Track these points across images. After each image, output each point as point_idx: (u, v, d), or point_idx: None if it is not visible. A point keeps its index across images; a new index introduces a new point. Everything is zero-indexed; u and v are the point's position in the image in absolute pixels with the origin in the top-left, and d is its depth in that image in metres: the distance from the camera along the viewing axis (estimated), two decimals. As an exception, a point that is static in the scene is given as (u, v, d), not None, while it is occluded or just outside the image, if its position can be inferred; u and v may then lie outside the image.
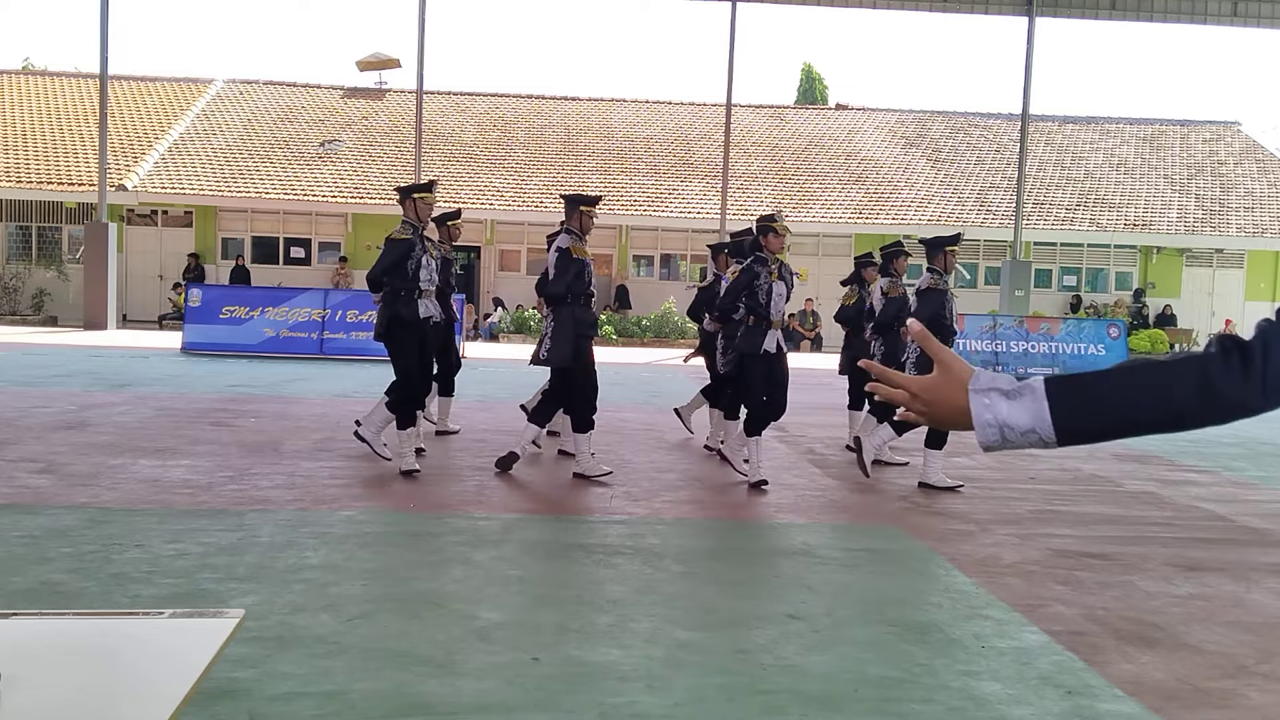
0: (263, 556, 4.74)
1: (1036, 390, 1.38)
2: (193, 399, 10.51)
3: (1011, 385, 1.41)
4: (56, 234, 25.70)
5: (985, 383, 1.42)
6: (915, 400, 1.47)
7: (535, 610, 4.25)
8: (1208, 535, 6.12)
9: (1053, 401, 1.38)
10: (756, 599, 4.49)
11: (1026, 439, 1.40)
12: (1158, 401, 1.39)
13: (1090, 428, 1.40)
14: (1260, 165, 29.96)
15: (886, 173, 28.51)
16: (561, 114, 30.44)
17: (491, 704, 3.21)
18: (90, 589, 4.16)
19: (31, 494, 5.85)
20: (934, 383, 1.46)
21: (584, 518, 5.93)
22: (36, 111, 27.62)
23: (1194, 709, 3.42)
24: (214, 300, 17.01)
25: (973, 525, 6.12)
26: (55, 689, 1.45)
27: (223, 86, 30.30)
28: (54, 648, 1.60)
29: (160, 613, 1.75)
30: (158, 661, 1.57)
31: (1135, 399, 1.38)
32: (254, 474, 6.69)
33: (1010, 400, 1.40)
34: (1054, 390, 1.38)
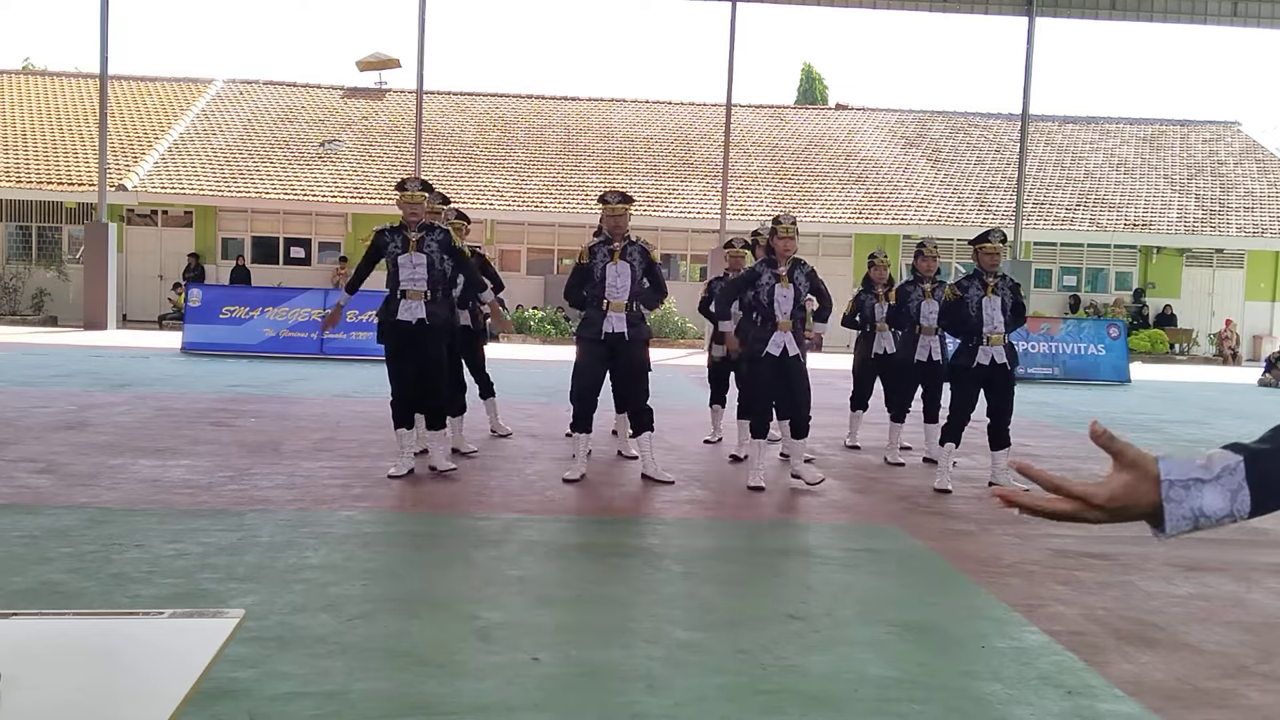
0: (263, 556, 4.74)
1: (1237, 471, 1.27)
2: (193, 399, 10.51)
3: (1207, 468, 1.29)
4: (56, 234, 25.70)
5: (1182, 472, 1.29)
6: (1095, 510, 1.32)
7: (535, 610, 4.25)
8: (1207, 535, 6.12)
9: (1254, 482, 1.28)
10: (756, 599, 4.49)
11: (1219, 523, 1.30)
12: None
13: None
14: (1260, 165, 29.96)
15: (886, 173, 28.51)
16: (561, 114, 30.45)
17: (491, 704, 3.21)
18: (90, 589, 4.16)
19: (31, 494, 5.85)
20: (1123, 488, 1.30)
21: (584, 518, 5.93)
22: (36, 111, 27.62)
23: (1194, 709, 3.42)
24: (214, 300, 17.01)
25: (973, 525, 6.12)
26: (55, 689, 1.45)
27: (223, 86, 30.30)
28: (54, 648, 1.60)
29: (160, 613, 1.75)
30: (158, 661, 1.57)
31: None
32: (254, 474, 6.69)
33: (1208, 486, 1.28)
34: (1254, 467, 1.28)
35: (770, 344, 6.87)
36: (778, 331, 6.88)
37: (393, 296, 6.72)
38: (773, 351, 6.87)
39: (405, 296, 6.66)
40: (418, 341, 6.69)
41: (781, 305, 6.90)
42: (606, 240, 6.93)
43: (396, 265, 6.69)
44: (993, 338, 7.14)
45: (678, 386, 13.63)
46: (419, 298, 6.68)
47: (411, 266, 6.69)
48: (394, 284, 6.71)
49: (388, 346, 6.74)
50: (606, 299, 6.81)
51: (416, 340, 6.69)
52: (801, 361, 6.96)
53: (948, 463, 7.20)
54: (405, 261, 6.68)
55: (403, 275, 6.68)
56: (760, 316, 6.95)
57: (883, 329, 8.67)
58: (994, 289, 7.21)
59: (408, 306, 6.65)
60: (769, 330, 6.90)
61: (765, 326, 6.93)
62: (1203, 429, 11.26)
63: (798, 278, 6.97)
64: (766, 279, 6.95)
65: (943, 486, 7.11)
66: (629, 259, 6.85)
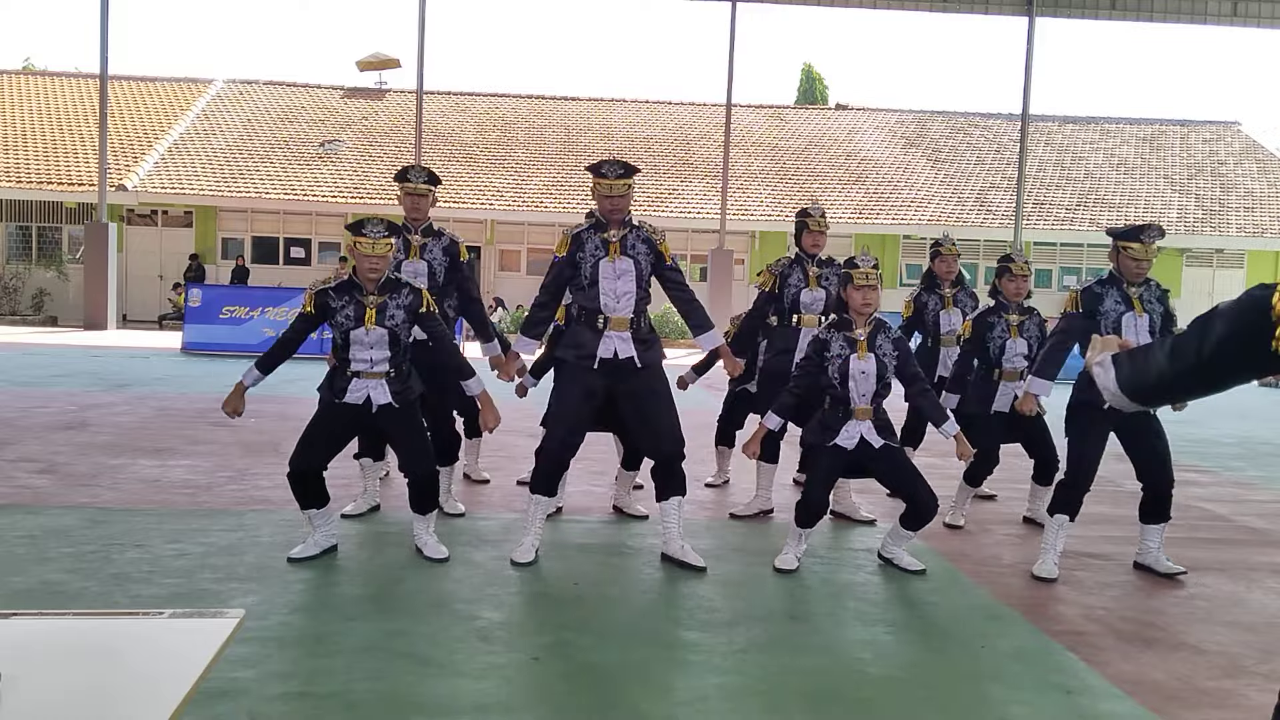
0: (263, 556, 4.74)
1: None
2: (193, 399, 10.51)
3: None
4: (57, 234, 25.70)
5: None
6: None
7: (535, 610, 4.25)
8: (1207, 535, 6.12)
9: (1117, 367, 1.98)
10: (757, 599, 4.49)
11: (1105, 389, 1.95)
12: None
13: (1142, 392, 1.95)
14: (1260, 165, 29.96)
15: (886, 173, 28.50)
16: (561, 114, 30.45)
17: (491, 704, 3.21)
18: (90, 589, 4.16)
19: (31, 494, 5.85)
20: None
21: (584, 518, 5.92)
22: (36, 111, 27.62)
23: (1194, 709, 3.42)
24: (214, 300, 17.01)
25: (973, 525, 6.11)
26: (55, 689, 1.45)
27: (223, 86, 30.30)
28: (54, 648, 1.60)
29: (160, 613, 1.75)
30: (158, 661, 1.57)
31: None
32: (254, 474, 6.69)
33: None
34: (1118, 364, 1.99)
35: (842, 435, 4.94)
36: (852, 420, 4.95)
37: (339, 371, 4.79)
38: (844, 445, 4.94)
39: (358, 375, 4.73)
40: (373, 425, 4.85)
41: (859, 385, 4.94)
42: (599, 225, 4.93)
43: (346, 338, 4.71)
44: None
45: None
46: (379, 379, 4.74)
47: (367, 346, 4.70)
48: (341, 358, 4.78)
49: (319, 411, 4.85)
50: (603, 313, 4.85)
51: (370, 423, 4.83)
52: (893, 448, 5.00)
53: (1056, 541, 5.11)
54: (358, 337, 4.69)
55: (354, 353, 4.71)
56: (830, 398, 5.01)
57: (949, 343, 6.92)
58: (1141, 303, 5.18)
59: (360, 386, 4.73)
60: (839, 418, 4.97)
61: (834, 412, 4.99)
62: (1202, 429, 11.26)
63: (881, 345, 4.97)
64: (838, 348, 4.96)
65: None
66: (632, 252, 4.87)
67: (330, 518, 4.89)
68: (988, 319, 6.16)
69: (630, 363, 4.83)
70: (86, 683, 1.49)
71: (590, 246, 4.87)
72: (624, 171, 4.85)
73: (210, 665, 1.52)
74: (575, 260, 4.89)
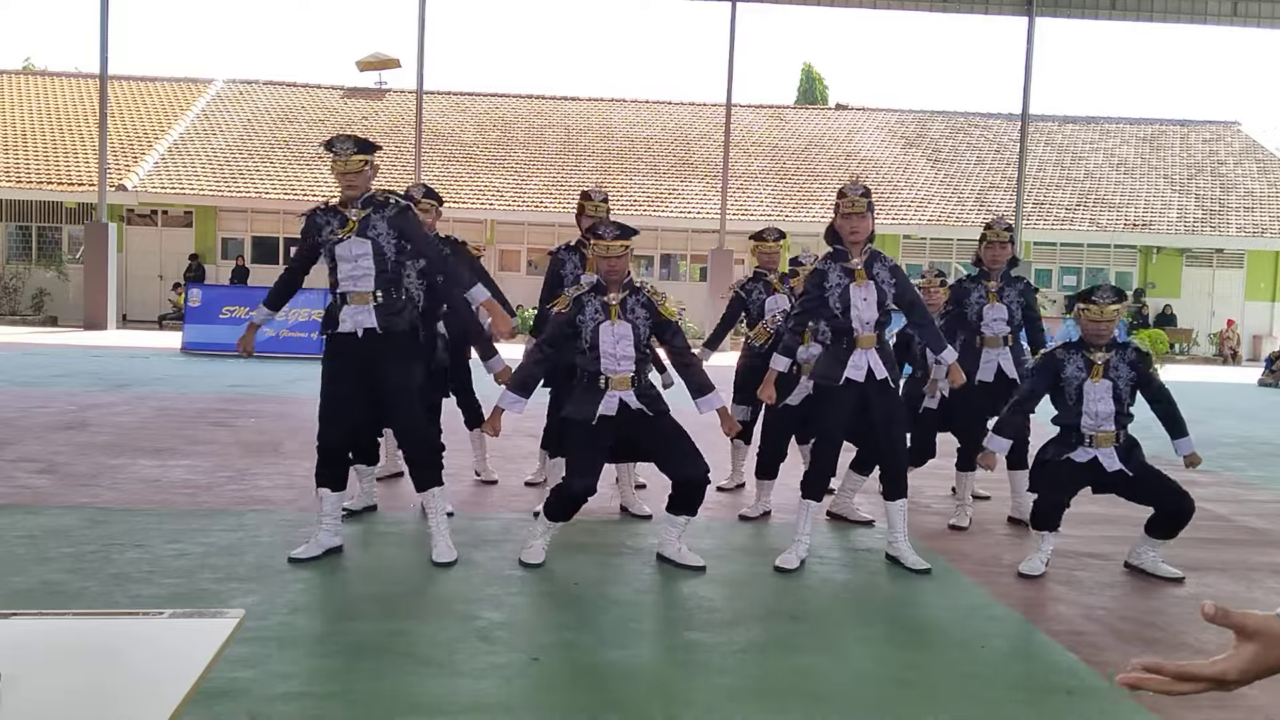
0: (263, 556, 4.74)
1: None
2: (193, 399, 10.51)
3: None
4: (56, 234, 25.70)
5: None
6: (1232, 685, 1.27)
7: (535, 610, 4.25)
8: (1208, 535, 6.12)
9: None
10: (757, 599, 4.49)
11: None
12: None
13: None
14: (1260, 165, 29.96)
15: (886, 173, 28.50)
16: (561, 114, 30.45)
17: (491, 704, 3.21)
18: (90, 589, 4.17)
19: (31, 494, 5.85)
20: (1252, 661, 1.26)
21: (584, 518, 5.92)
22: (36, 111, 27.63)
23: (1194, 709, 3.42)
24: (214, 300, 17.02)
25: (973, 525, 6.11)
26: (55, 689, 1.45)
27: (223, 86, 30.30)
28: (54, 648, 1.60)
29: (160, 613, 1.75)
30: (158, 661, 1.57)
31: None
32: (254, 474, 6.69)
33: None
34: None
35: (850, 367, 4.93)
36: (857, 350, 4.95)
37: (334, 302, 4.81)
38: (854, 377, 4.93)
39: (347, 301, 4.73)
40: (369, 362, 4.73)
41: (861, 312, 4.96)
42: (598, 288, 4.96)
43: (334, 258, 4.75)
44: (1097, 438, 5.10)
45: (679, 385, 13.59)
46: (365, 301, 4.71)
47: (352, 259, 4.72)
48: (333, 284, 4.80)
49: (325, 368, 4.84)
50: (604, 374, 4.87)
51: (366, 360, 4.73)
52: (892, 388, 5.05)
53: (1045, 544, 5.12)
54: (344, 252, 4.73)
55: (341, 271, 4.74)
56: (830, 331, 5.14)
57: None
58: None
59: (351, 313, 4.72)
60: (844, 349, 4.99)
61: (838, 344, 5.04)
62: (1202, 429, 11.26)
63: (878, 273, 4.99)
64: (836, 278, 4.99)
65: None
66: (631, 317, 4.89)
67: (338, 513, 4.89)
68: (964, 285, 6.24)
69: (642, 414, 4.90)
70: (86, 683, 1.49)
71: (590, 310, 4.90)
72: (620, 233, 4.87)
73: (210, 665, 1.52)
74: (575, 323, 4.92)
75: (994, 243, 6.13)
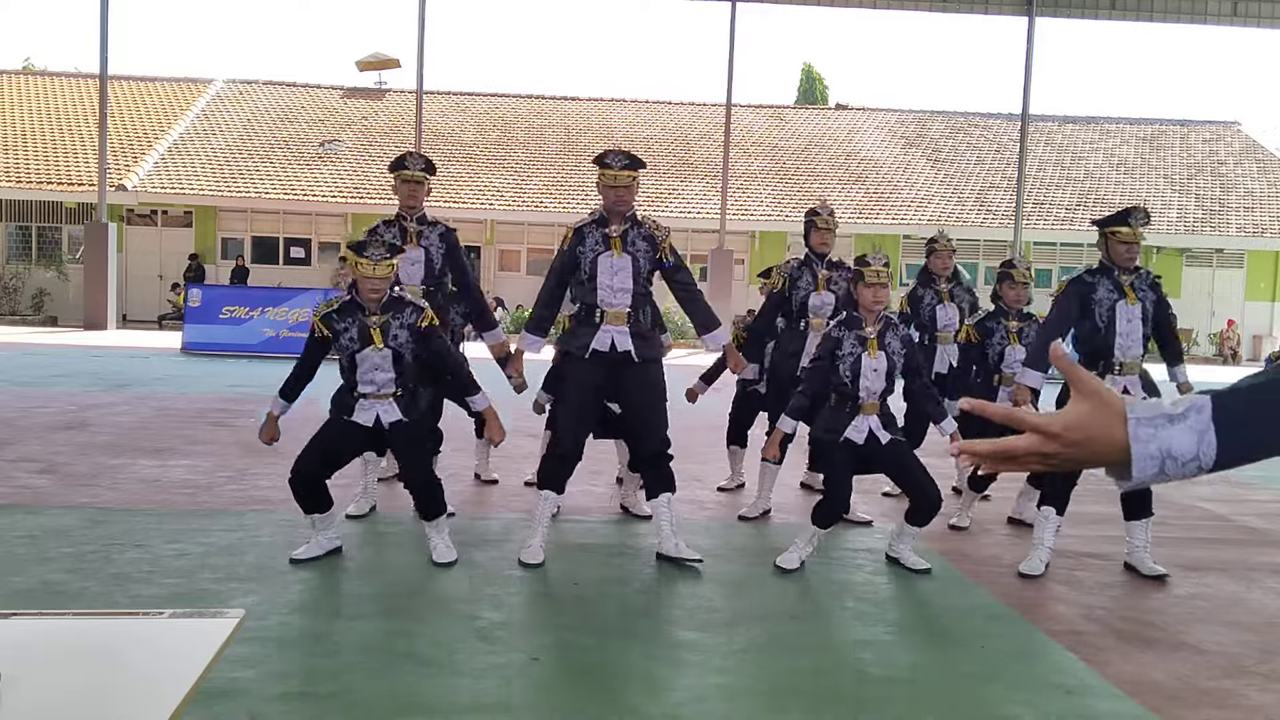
0: (263, 556, 4.74)
1: (1203, 411, 1.20)
2: (193, 399, 10.51)
3: (1174, 408, 1.22)
4: (56, 234, 25.70)
5: (1147, 409, 1.22)
6: (1054, 441, 1.23)
7: (535, 610, 4.25)
8: (1207, 535, 6.12)
9: (1220, 422, 1.21)
10: (756, 599, 4.49)
11: (1185, 469, 1.22)
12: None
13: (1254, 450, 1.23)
14: (1260, 165, 29.95)
15: (886, 173, 28.51)
16: (561, 114, 30.45)
17: (491, 704, 3.21)
18: (90, 589, 4.17)
19: (31, 494, 5.85)
20: (1080, 417, 1.22)
21: (584, 518, 5.93)
22: (36, 111, 27.62)
23: (1194, 709, 3.42)
24: (214, 300, 17.01)
25: (973, 525, 6.11)
26: (55, 689, 1.45)
27: (222, 86, 30.29)
28: (54, 648, 1.60)
29: (160, 613, 1.75)
30: (158, 661, 1.57)
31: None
32: (254, 474, 6.69)
33: (1175, 425, 1.21)
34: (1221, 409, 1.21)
35: (851, 429, 4.94)
36: (860, 415, 4.95)
37: (346, 390, 4.84)
38: (854, 438, 4.94)
39: (365, 396, 4.72)
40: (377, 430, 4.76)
41: (870, 383, 4.94)
42: (601, 220, 4.96)
43: (354, 361, 4.71)
44: (1126, 364, 5.16)
45: (676, 388, 13.58)
46: (386, 399, 4.72)
47: (373, 368, 4.68)
48: (349, 381, 4.78)
49: (331, 420, 4.87)
50: (600, 306, 4.85)
51: (379, 437, 4.82)
52: (900, 442, 5.02)
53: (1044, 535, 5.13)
54: (364, 359, 4.68)
55: (361, 372, 4.70)
56: (835, 395, 5.05)
57: (945, 340, 6.87)
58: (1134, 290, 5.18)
59: (369, 405, 4.71)
60: (848, 413, 4.97)
61: (841, 407, 5.01)
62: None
63: (890, 343, 5.02)
64: (850, 346, 4.97)
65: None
66: (632, 249, 4.87)
67: (333, 520, 4.86)
68: (987, 324, 6.21)
69: (627, 357, 4.84)
70: (86, 683, 1.49)
71: (591, 241, 4.88)
72: (629, 163, 4.89)
73: (210, 665, 1.52)
74: (576, 254, 4.90)
75: (1018, 284, 6.21)
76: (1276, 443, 1.24)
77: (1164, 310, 5.22)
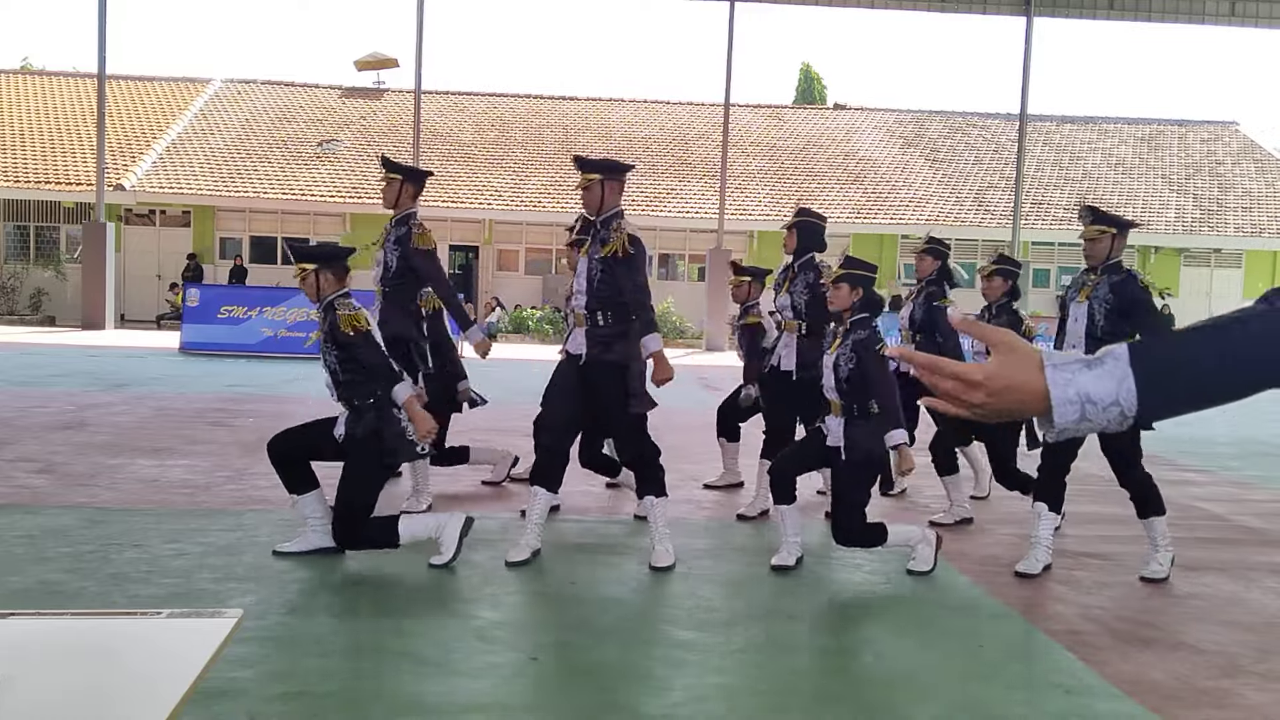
0: (261, 556, 4.73)
1: (1120, 357, 1.24)
2: (191, 399, 10.50)
3: (1091, 356, 1.27)
4: (54, 234, 25.69)
5: (1063, 358, 1.27)
6: (977, 390, 1.28)
7: (533, 610, 4.25)
8: (1205, 535, 6.12)
9: (1137, 368, 1.24)
10: (755, 598, 4.49)
11: (1107, 414, 1.25)
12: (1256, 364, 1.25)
13: (1177, 397, 1.26)
14: (1258, 165, 29.98)
15: (884, 172, 28.52)
16: (559, 114, 30.44)
17: (489, 703, 3.21)
18: (89, 589, 4.16)
19: (30, 494, 5.85)
20: (1000, 366, 1.28)
21: (582, 518, 5.93)
22: (35, 111, 27.60)
23: (1192, 708, 3.42)
24: (212, 300, 17.00)
25: (971, 525, 6.11)
26: (53, 689, 1.45)
27: (221, 86, 30.28)
28: (52, 648, 1.60)
29: (158, 613, 1.74)
30: (156, 661, 1.57)
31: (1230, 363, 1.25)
32: (252, 474, 6.68)
33: (1091, 370, 1.25)
34: (1138, 356, 1.24)
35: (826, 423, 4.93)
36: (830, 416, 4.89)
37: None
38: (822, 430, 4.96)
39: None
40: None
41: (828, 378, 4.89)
42: (587, 224, 5.24)
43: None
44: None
45: (674, 387, 13.58)
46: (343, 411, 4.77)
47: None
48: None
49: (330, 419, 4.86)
50: (573, 309, 4.99)
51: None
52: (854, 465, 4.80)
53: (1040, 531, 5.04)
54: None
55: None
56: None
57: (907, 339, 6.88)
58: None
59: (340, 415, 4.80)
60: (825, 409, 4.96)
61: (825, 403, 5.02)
62: (1197, 428, 11.26)
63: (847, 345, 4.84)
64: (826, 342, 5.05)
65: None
66: (590, 251, 4.91)
67: (319, 509, 4.80)
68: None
69: (578, 361, 4.85)
70: (84, 683, 1.49)
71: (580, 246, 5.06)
72: (581, 165, 4.97)
73: (208, 665, 1.51)
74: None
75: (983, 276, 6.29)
76: (1204, 392, 1.26)
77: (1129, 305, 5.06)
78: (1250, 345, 1.25)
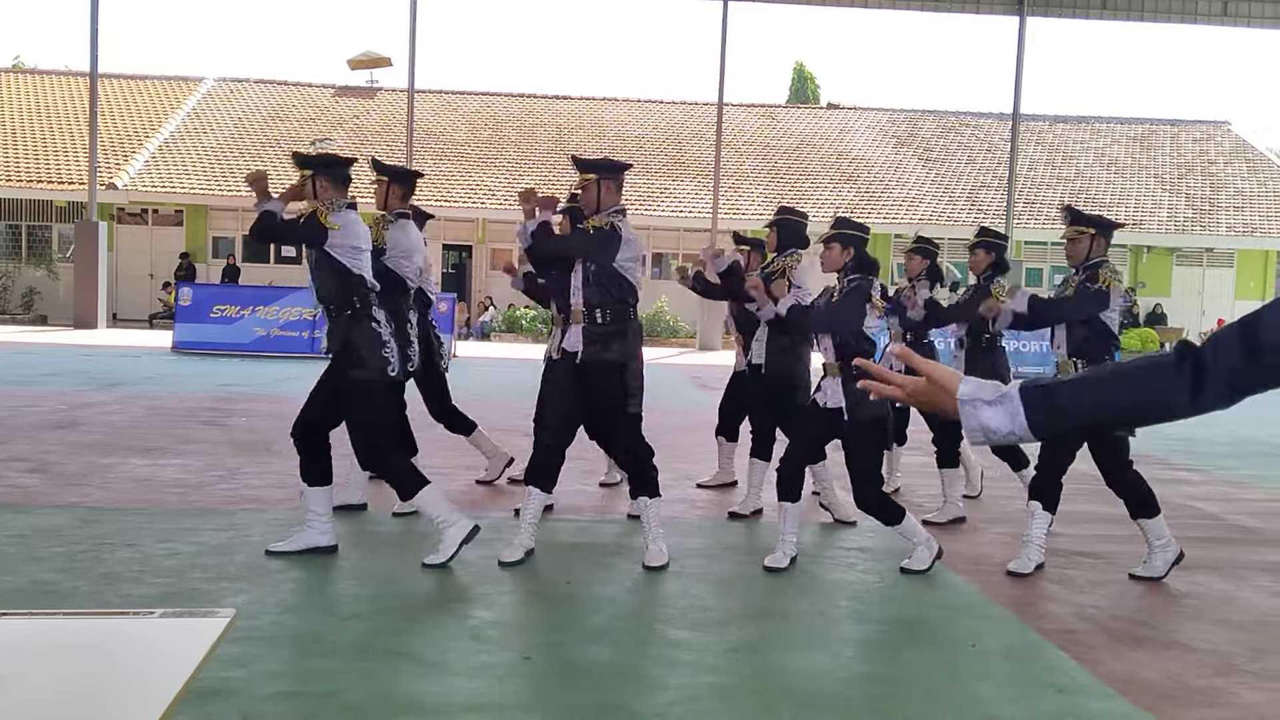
0: (254, 556, 4.72)
1: (1014, 398, 1.60)
2: (183, 398, 10.48)
3: (993, 394, 1.63)
4: (47, 233, 25.60)
5: (970, 393, 1.64)
6: (910, 398, 1.73)
7: (528, 609, 4.25)
8: (1199, 534, 6.13)
9: (1028, 407, 1.60)
10: (749, 598, 4.49)
11: (1007, 439, 1.64)
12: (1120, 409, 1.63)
13: (1059, 427, 1.66)
14: (1250, 165, 30.05)
15: (878, 172, 28.54)
16: (553, 113, 30.42)
17: (484, 703, 3.20)
18: (81, 589, 4.15)
19: (22, 493, 5.83)
20: (924, 389, 1.70)
21: (576, 516, 5.92)
22: (27, 110, 27.50)
23: (1185, 707, 3.43)
24: (205, 299, 16.97)
25: (964, 525, 6.12)
26: (46, 689, 1.44)
27: (213, 85, 30.20)
28: (45, 647, 1.59)
29: (151, 612, 1.74)
30: (149, 661, 1.57)
31: (1102, 405, 1.62)
32: (245, 473, 6.67)
33: (991, 407, 1.62)
34: (1028, 398, 1.60)
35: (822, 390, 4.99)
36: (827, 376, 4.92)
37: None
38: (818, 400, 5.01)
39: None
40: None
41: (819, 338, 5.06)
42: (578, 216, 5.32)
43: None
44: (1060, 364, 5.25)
45: (671, 387, 13.61)
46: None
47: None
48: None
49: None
50: (571, 305, 4.95)
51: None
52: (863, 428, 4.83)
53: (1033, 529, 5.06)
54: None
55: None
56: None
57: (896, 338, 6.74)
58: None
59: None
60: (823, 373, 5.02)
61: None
62: (1193, 428, 11.29)
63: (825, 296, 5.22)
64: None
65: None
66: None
67: (326, 514, 4.81)
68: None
69: (574, 359, 4.85)
70: (77, 683, 1.48)
71: None
72: (580, 165, 5.00)
73: (201, 665, 1.51)
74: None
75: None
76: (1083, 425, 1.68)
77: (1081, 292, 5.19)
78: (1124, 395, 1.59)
